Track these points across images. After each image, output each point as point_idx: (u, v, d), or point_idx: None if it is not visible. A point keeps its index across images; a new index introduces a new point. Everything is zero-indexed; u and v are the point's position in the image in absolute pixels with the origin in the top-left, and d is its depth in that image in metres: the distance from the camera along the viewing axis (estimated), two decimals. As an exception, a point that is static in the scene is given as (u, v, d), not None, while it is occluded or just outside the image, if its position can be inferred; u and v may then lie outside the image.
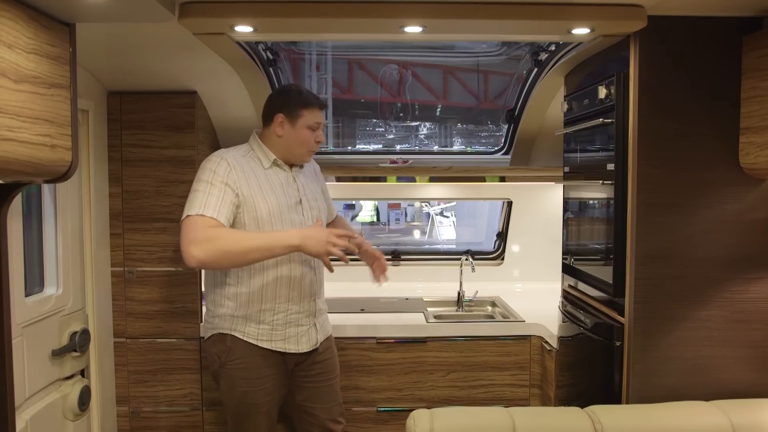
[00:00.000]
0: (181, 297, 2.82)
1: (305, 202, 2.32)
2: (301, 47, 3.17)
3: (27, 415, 1.97)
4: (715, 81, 1.99)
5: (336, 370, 2.46)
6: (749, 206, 2.01)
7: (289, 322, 2.28)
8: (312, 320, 2.33)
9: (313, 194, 2.39)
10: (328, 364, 2.42)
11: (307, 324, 2.32)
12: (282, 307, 2.25)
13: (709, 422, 1.85)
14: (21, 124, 1.46)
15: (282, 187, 2.28)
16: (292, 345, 2.29)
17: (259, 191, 2.21)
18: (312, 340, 2.33)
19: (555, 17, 1.95)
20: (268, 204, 2.20)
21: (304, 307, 2.30)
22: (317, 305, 2.36)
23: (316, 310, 2.35)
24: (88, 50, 2.14)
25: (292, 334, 2.28)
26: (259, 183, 2.23)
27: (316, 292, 2.35)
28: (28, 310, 2.01)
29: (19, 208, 2.01)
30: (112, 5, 1.62)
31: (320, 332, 2.37)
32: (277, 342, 2.27)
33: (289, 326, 2.28)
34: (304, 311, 2.30)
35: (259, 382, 2.26)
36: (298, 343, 2.30)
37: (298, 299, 2.28)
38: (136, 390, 2.83)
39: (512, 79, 3.24)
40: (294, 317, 2.28)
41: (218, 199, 2.10)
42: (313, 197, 2.38)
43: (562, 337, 2.63)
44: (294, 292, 2.27)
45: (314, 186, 2.43)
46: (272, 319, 2.25)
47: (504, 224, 3.63)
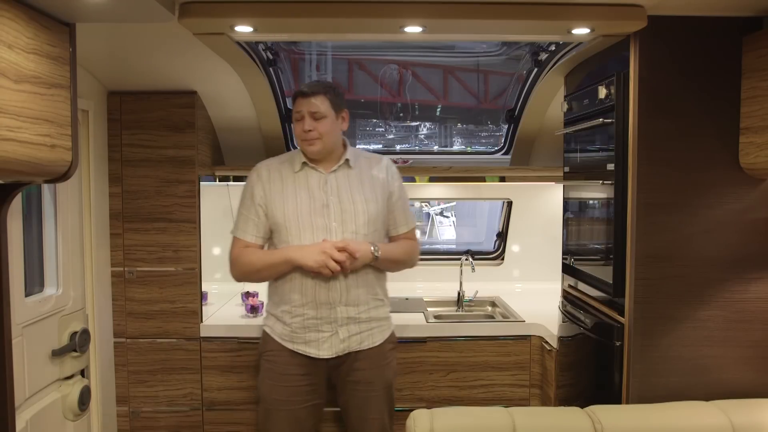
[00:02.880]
0: (181, 297, 2.82)
1: (333, 205, 2.25)
2: (301, 47, 3.17)
3: (27, 415, 1.97)
4: (715, 81, 1.99)
5: (377, 384, 2.32)
6: (749, 206, 2.01)
7: (307, 326, 2.27)
8: (334, 327, 2.26)
9: (352, 197, 2.26)
10: (368, 374, 2.31)
11: (329, 331, 2.26)
12: (298, 311, 2.27)
13: (709, 422, 1.85)
14: (21, 124, 1.46)
15: (308, 190, 2.27)
16: (313, 350, 2.28)
17: (279, 197, 2.27)
18: (335, 348, 2.27)
19: (555, 17, 1.95)
20: (284, 209, 2.25)
21: (322, 314, 2.25)
22: (341, 313, 2.25)
23: (339, 318, 2.25)
24: (88, 50, 2.15)
25: (311, 339, 2.28)
26: (283, 189, 2.28)
27: (337, 300, 2.24)
28: (28, 310, 2.01)
29: (19, 208, 2.00)
30: (112, 5, 1.62)
31: (347, 342, 2.27)
32: (298, 345, 2.29)
33: (307, 331, 2.27)
34: (323, 318, 2.25)
35: (284, 379, 2.29)
36: (318, 348, 2.27)
37: (313, 305, 2.25)
38: (136, 390, 2.83)
39: (512, 79, 3.24)
40: (312, 322, 2.26)
41: (248, 220, 2.31)
42: (350, 200, 2.26)
43: (562, 337, 2.63)
44: (306, 298, 2.25)
45: (362, 188, 2.29)
46: (291, 321, 2.28)
47: (504, 224, 3.63)
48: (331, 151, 2.29)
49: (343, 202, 2.26)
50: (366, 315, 2.30)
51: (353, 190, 2.28)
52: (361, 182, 2.31)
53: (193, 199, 2.79)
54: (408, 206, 2.43)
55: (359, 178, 2.31)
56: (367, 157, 2.39)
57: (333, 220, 2.24)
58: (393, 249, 2.35)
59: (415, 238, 2.46)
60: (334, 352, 2.28)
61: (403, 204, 2.39)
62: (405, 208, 2.40)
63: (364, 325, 2.30)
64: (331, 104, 2.24)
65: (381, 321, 2.35)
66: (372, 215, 2.27)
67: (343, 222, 2.24)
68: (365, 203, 2.27)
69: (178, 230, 2.79)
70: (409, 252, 2.41)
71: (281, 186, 2.28)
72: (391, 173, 2.37)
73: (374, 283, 2.32)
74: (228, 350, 2.82)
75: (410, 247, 2.42)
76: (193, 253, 2.81)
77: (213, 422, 2.85)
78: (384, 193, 2.33)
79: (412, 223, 2.43)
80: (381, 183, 2.33)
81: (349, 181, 2.30)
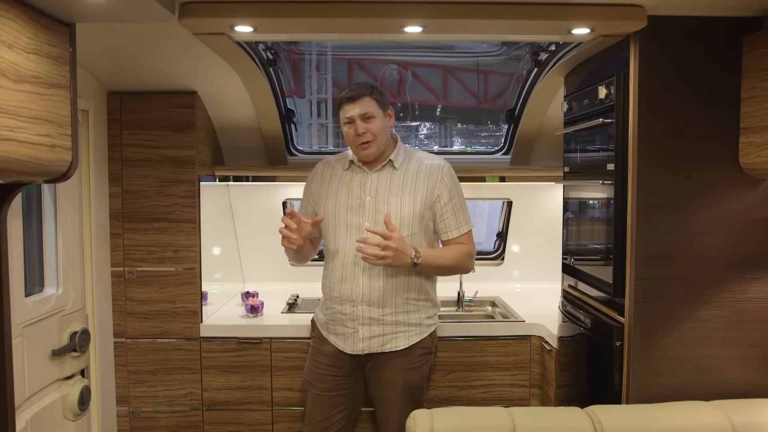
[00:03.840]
0: (181, 297, 2.82)
1: (369, 205, 2.27)
2: (301, 47, 3.17)
3: (27, 415, 1.97)
4: (715, 81, 1.99)
5: (398, 385, 2.32)
6: (749, 206, 2.01)
7: (335, 320, 2.35)
8: (355, 325, 2.29)
9: (388, 198, 2.26)
10: (391, 374, 2.32)
11: (352, 328, 2.30)
12: (329, 303, 2.37)
13: (709, 422, 1.85)
14: (21, 124, 1.46)
15: (349, 188, 2.32)
16: (341, 343, 2.35)
17: (325, 194, 2.36)
18: (356, 346, 2.31)
19: (555, 17, 1.95)
20: (326, 206, 2.33)
21: (346, 310, 2.30)
22: (362, 312, 2.27)
23: (361, 317, 2.28)
24: (88, 50, 2.15)
25: (340, 332, 2.35)
26: (330, 185, 2.36)
27: (359, 299, 2.27)
28: (28, 310, 2.01)
29: (19, 208, 2.00)
30: (112, 5, 1.62)
31: (367, 342, 2.29)
32: (331, 335, 2.38)
33: (336, 324, 2.35)
34: (347, 314, 2.30)
35: (316, 364, 2.40)
36: (345, 343, 2.34)
37: (339, 300, 2.31)
38: (136, 390, 2.83)
39: (512, 79, 3.23)
40: (338, 317, 2.33)
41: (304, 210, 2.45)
42: (385, 201, 2.26)
43: (562, 337, 2.63)
44: (334, 292, 2.33)
45: (402, 191, 2.28)
46: (325, 312, 2.39)
47: (504, 224, 3.63)
48: (384, 150, 2.31)
49: (378, 203, 2.27)
50: (392, 318, 2.29)
51: (391, 192, 2.28)
52: (402, 184, 2.29)
53: (193, 199, 2.79)
54: (462, 209, 2.35)
55: (402, 180, 2.30)
56: (420, 158, 2.36)
57: (366, 220, 2.26)
58: (438, 255, 2.32)
59: (468, 242, 2.37)
60: (355, 351, 2.31)
61: (453, 207, 2.32)
62: (457, 212, 2.33)
63: (389, 327, 2.30)
64: (378, 103, 2.26)
65: (410, 326, 2.33)
66: (405, 218, 2.26)
67: (375, 222, 2.25)
68: (400, 206, 2.26)
69: (178, 230, 2.79)
70: (458, 257, 2.34)
71: (330, 183, 2.36)
72: (441, 176, 2.31)
73: (411, 287, 2.31)
74: (228, 350, 2.82)
75: (460, 252, 2.34)
76: (193, 253, 2.81)
77: (213, 422, 2.85)
78: (427, 197, 2.29)
79: (465, 227, 2.35)
80: (425, 186, 2.29)
81: (390, 181, 2.30)
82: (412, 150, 2.42)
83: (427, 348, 2.39)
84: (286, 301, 3.20)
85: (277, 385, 2.81)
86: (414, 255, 2.19)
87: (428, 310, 2.39)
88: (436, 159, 2.37)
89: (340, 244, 2.30)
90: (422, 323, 2.36)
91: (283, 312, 3.05)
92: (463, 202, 2.38)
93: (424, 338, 2.37)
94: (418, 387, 2.39)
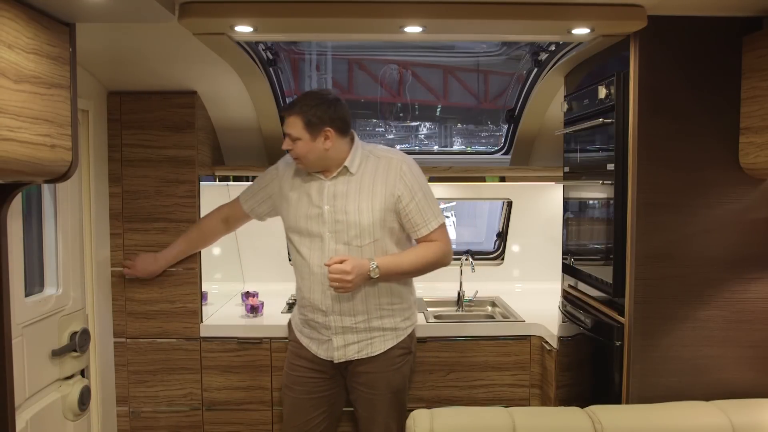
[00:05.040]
0: (181, 297, 2.81)
1: (328, 214, 2.22)
2: (301, 47, 3.17)
3: (27, 415, 1.97)
4: (715, 81, 1.99)
5: (381, 388, 2.30)
6: (749, 206, 2.01)
7: (310, 326, 2.34)
8: (329, 334, 2.28)
9: (345, 207, 2.21)
10: (372, 378, 2.31)
11: (326, 336, 2.29)
12: (302, 310, 2.36)
13: (709, 422, 1.85)
14: (21, 124, 1.46)
15: (308, 196, 2.28)
16: (315, 347, 2.34)
17: (286, 201, 2.35)
18: (330, 353, 2.30)
19: (555, 17, 1.95)
20: (289, 213, 2.33)
21: (318, 319, 2.29)
22: (334, 322, 2.26)
23: (333, 326, 2.27)
24: (88, 50, 2.14)
25: (315, 337, 2.34)
26: (291, 192, 2.33)
27: (330, 309, 2.25)
28: (28, 310, 2.01)
29: (19, 208, 2.00)
30: (112, 5, 1.62)
31: (342, 350, 2.28)
32: (305, 339, 2.37)
33: (311, 330, 2.34)
34: (320, 323, 2.29)
35: (292, 367, 2.40)
36: (319, 348, 2.33)
37: (311, 309, 2.30)
38: (136, 390, 2.83)
39: (512, 79, 3.23)
40: (313, 324, 2.32)
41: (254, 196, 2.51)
42: (343, 210, 2.20)
43: (562, 337, 2.63)
44: (305, 300, 2.32)
45: (359, 197, 2.21)
46: (299, 316, 2.39)
47: (504, 224, 3.63)
48: (324, 165, 2.24)
49: (337, 213, 2.22)
50: (365, 325, 2.27)
51: (348, 200, 2.22)
52: (359, 190, 2.22)
53: (193, 199, 2.79)
54: (428, 205, 2.25)
55: (359, 186, 2.23)
56: (378, 157, 2.27)
57: (327, 230, 2.23)
58: (400, 261, 2.25)
59: (439, 238, 2.29)
60: (328, 357, 2.30)
61: (417, 206, 2.23)
62: (422, 210, 2.24)
63: (363, 334, 2.28)
64: (305, 125, 2.16)
65: (386, 331, 2.30)
66: (364, 227, 2.20)
67: (335, 232, 2.22)
68: (358, 214, 2.20)
69: (178, 230, 2.78)
70: (426, 258, 2.27)
71: (290, 189, 2.34)
72: (400, 176, 2.22)
73: (381, 293, 2.28)
74: (228, 350, 2.82)
75: (429, 251, 2.28)
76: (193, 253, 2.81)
77: (213, 422, 2.85)
78: (386, 201, 2.21)
79: (433, 223, 2.26)
80: (383, 189, 2.22)
81: (347, 188, 2.23)
82: (371, 148, 2.31)
83: (406, 348, 2.36)
84: (286, 301, 3.20)
85: (277, 385, 2.80)
86: (371, 269, 2.16)
87: (403, 313, 2.35)
88: (395, 156, 2.27)
89: (305, 253, 2.28)
90: (398, 327, 2.33)
91: (283, 312, 3.05)
92: (430, 197, 2.28)
93: (402, 339, 2.34)
94: (401, 389, 2.36)
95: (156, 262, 2.69)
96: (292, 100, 2.25)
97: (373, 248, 2.22)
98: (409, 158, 2.29)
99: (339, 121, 2.21)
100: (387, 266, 2.20)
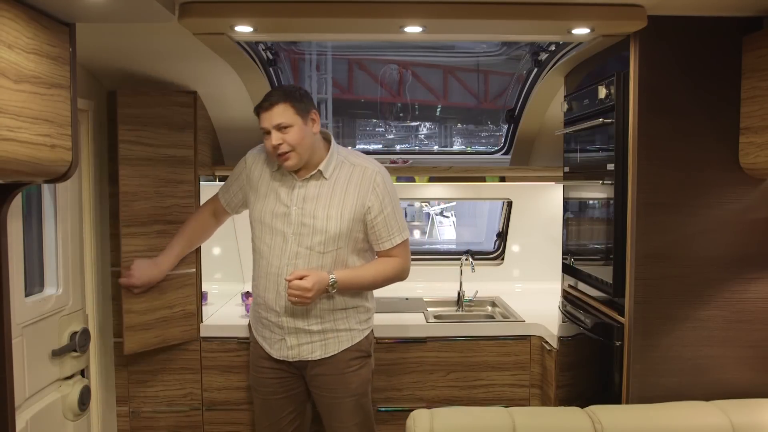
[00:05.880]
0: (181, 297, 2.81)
1: (295, 216, 2.18)
2: (301, 47, 3.17)
3: (27, 415, 1.97)
4: (715, 81, 1.99)
5: (340, 392, 2.26)
6: (749, 206, 2.01)
7: (263, 324, 2.32)
8: (281, 334, 2.26)
9: (314, 211, 2.17)
10: (329, 380, 2.27)
11: (279, 334, 2.27)
12: (256, 307, 2.35)
13: (709, 422, 1.85)
14: (21, 124, 1.46)
15: (277, 194, 2.24)
16: (267, 346, 2.32)
17: (254, 193, 2.32)
18: (283, 352, 2.27)
19: (555, 17, 1.95)
20: (255, 207, 2.30)
21: (271, 318, 2.26)
22: (286, 323, 2.22)
23: (285, 327, 2.23)
24: (88, 50, 2.14)
25: (267, 336, 2.32)
26: (260, 186, 2.30)
27: (282, 311, 2.22)
28: (28, 310, 2.01)
29: (19, 208, 2.00)
30: (112, 5, 1.62)
31: (296, 349, 2.25)
32: (259, 337, 2.35)
33: (264, 328, 2.32)
34: (273, 322, 2.26)
35: (254, 368, 2.38)
36: (272, 348, 2.30)
37: (265, 308, 2.28)
38: (136, 390, 2.83)
39: (512, 79, 3.24)
40: (266, 322, 2.30)
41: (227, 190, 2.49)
42: (311, 214, 2.17)
43: (562, 337, 2.63)
44: (259, 298, 2.30)
45: (329, 203, 2.18)
46: (255, 314, 2.37)
47: (504, 224, 3.63)
48: (310, 158, 2.19)
49: (304, 216, 2.18)
50: (318, 327, 2.24)
51: (318, 204, 2.18)
52: (330, 196, 2.19)
53: (193, 200, 2.79)
54: (395, 220, 2.24)
55: (330, 192, 2.19)
56: (353, 164, 2.23)
57: (291, 231, 2.19)
58: (358, 276, 2.23)
59: (400, 254, 2.28)
60: (281, 356, 2.28)
61: (385, 219, 2.21)
62: (389, 224, 2.22)
63: (316, 336, 2.24)
64: (296, 110, 2.12)
65: (339, 332, 2.26)
66: (330, 235, 2.17)
67: (300, 235, 2.18)
68: (325, 221, 2.16)
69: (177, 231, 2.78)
70: (385, 273, 2.27)
71: (259, 182, 2.31)
72: (373, 186, 2.19)
73: (335, 297, 2.24)
74: (228, 350, 2.82)
75: (388, 267, 2.27)
76: (193, 253, 2.80)
77: (213, 422, 2.85)
78: (356, 211, 2.18)
79: (397, 237, 2.25)
80: (355, 199, 2.18)
81: (318, 192, 2.19)
82: (347, 153, 2.28)
83: (363, 351, 2.31)
84: (286, 301, 3.20)
85: (277, 385, 2.80)
86: (330, 284, 2.14)
87: (359, 316, 2.30)
88: (370, 166, 2.23)
89: (264, 251, 2.25)
90: (353, 328, 2.28)
91: (283, 312, 3.05)
92: (398, 212, 2.26)
93: (359, 341, 2.29)
94: (362, 393, 2.30)
95: (157, 266, 2.54)
96: (263, 98, 2.17)
97: (334, 256, 2.20)
98: (383, 169, 2.26)
99: (316, 107, 2.22)
100: (345, 281, 2.19)
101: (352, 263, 2.25)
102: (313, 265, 2.19)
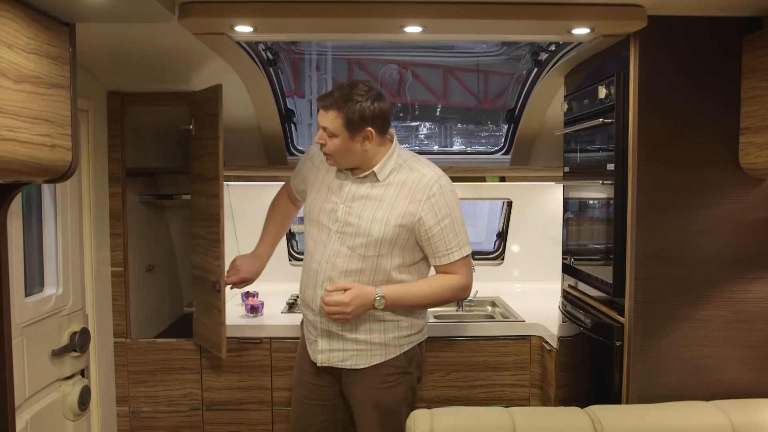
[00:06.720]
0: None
1: (342, 214, 2.09)
2: (301, 47, 3.17)
3: (27, 415, 1.97)
4: (715, 81, 1.99)
5: (368, 405, 2.15)
6: (749, 206, 2.01)
7: (305, 321, 2.28)
8: (315, 335, 2.18)
9: (361, 212, 2.08)
10: (359, 392, 2.17)
11: (314, 335, 2.19)
12: (300, 302, 2.29)
13: (709, 422, 1.85)
14: (21, 124, 1.46)
15: (329, 189, 2.17)
16: (307, 345, 2.26)
17: (311, 184, 2.27)
18: (314, 355, 2.19)
19: (555, 17, 1.95)
20: (308, 199, 2.26)
21: (309, 316, 2.21)
22: (321, 323, 2.14)
23: (320, 329, 2.15)
24: (88, 50, 2.14)
25: (307, 335, 2.27)
26: (317, 178, 2.25)
27: (318, 310, 2.12)
28: (28, 310, 2.01)
29: (19, 208, 2.00)
30: (112, 5, 1.62)
31: (326, 354, 2.16)
32: (304, 337, 2.30)
33: (305, 326, 2.28)
34: (311, 321, 2.20)
35: (299, 369, 2.32)
36: (309, 347, 2.24)
37: (304, 304, 2.24)
38: (136, 390, 2.83)
39: (512, 79, 3.24)
40: (306, 321, 2.26)
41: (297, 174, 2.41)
42: (357, 214, 2.07)
43: (562, 337, 2.63)
44: (301, 294, 2.25)
45: (378, 207, 2.07)
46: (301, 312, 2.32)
47: (504, 224, 3.63)
48: (355, 164, 2.11)
49: (351, 215, 2.08)
50: (351, 335, 2.12)
51: (366, 206, 2.08)
52: (380, 200, 2.08)
53: (194, 199, 2.79)
54: (454, 234, 2.09)
55: (381, 195, 2.08)
56: (411, 169, 2.10)
57: (336, 229, 2.10)
58: (411, 292, 2.11)
59: (459, 271, 2.12)
60: (314, 359, 2.20)
61: (442, 232, 2.06)
62: (446, 237, 2.07)
63: (349, 343, 2.13)
64: (345, 123, 2.01)
65: (373, 345, 2.12)
66: (373, 239, 2.05)
67: (343, 233, 2.09)
68: (370, 223, 2.05)
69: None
70: (441, 291, 2.13)
71: (317, 174, 2.25)
72: (428, 195, 2.05)
73: None
74: (228, 350, 2.81)
75: (446, 284, 2.12)
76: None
77: (213, 422, 2.85)
78: (405, 218, 2.05)
79: (456, 253, 2.09)
80: (405, 207, 2.06)
81: (368, 193, 2.09)
82: (409, 157, 2.16)
83: (400, 368, 2.16)
84: (286, 301, 3.20)
85: (277, 385, 2.80)
86: (376, 299, 2.04)
87: (400, 331, 2.15)
88: (429, 173, 2.10)
89: (310, 244, 2.19)
90: (389, 343, 2.13)
91: (283, 312, 3.06)
92: (458, 225, 2.10)
93: (395, 357, 2.15)
94: (393, 410, 2.15)
95: (258, 257, 2.46)
96: (331, 90, 2.06)
97: (375, 263, 2.08)
98: (445, 179, 2.12)
99: (380, 120, 2.06)
100: (394, 297, 2.06)
101: (395, 277, 2.11)
102: (353, 268, 2.08)
